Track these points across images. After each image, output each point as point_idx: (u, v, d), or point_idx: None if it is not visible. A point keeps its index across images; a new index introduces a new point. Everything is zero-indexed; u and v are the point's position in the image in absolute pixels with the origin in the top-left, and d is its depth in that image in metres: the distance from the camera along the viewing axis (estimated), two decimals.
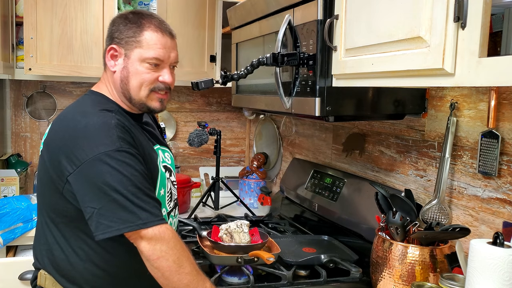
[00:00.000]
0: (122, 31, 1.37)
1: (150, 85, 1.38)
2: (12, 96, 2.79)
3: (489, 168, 1.37)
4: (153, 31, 1.36)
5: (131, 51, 1.36)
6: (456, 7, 0.93)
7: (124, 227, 1.20)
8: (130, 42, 1.35)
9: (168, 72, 1.40)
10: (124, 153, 1.24)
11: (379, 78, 1.21)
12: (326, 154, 2.32)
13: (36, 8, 2.37)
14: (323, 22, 1.39)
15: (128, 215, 1.20)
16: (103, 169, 1.21)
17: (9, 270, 1.96)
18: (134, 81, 1.36)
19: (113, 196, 1.20)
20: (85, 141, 1.24)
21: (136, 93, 1.38)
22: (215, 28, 2.67)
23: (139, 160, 1.28)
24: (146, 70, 1.36)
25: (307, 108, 1.48)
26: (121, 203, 1.20)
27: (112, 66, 1.39)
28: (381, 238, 1.45)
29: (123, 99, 1.41)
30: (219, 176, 2.61)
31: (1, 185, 2.45)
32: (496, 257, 1.09)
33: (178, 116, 3.11)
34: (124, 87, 1.38)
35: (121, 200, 1.20)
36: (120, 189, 1.20)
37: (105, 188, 1.20)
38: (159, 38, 1.36)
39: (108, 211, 1.20)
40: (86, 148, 1.23)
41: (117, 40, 1.37)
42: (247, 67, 1.57)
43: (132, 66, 1.36)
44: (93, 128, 1.26)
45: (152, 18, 1.38)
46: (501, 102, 1.34)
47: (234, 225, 1.68)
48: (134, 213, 1.20)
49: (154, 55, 1.35)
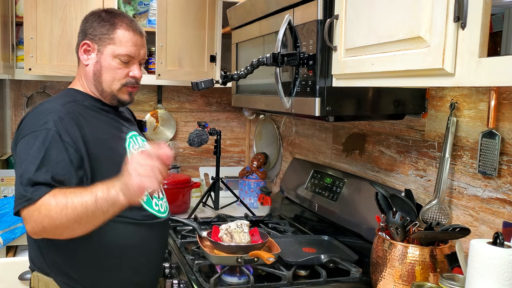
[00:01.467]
0: (95, 28, 1.46)
1: (122, 80, 1.48)
2: (12, 96, 2.79)
3: (489, 168, 1.37)
4: (125, 29, 1.46)
5: (104, 47, 1.45)
6: (456, 7, 0.93)
7: (17, 204, 1.24)
8: (104, 39, 1.45)
9: (138, 68, 1.50)
10: (48, 134, 1.29)
11: (379, 78, 1.21)
12: (326, 154, 2.32)
13: (36, 8, 2.37)
14: (323, 22, 1.39)
15: (18, 194, 1.25)
16: (23, 145, 1.30)
17: (9, 270, 1.96)
18: (107, 75, 1.47)
19: (18, 172, 1.27)
20: (27, 122, 1.35)
21: (108, 86, 1.48)
22: (215, 28, 2.67)
23: (65, 147, 1.31)
24: (118, 66, 1.46)
25: (307, 108, 1.48)
26: (18, 180, 1.26)
27: (85, 60, 1.48)
28: (381, 238, 1.45)
29: (93, 91, 1.50)
30: (219, 176, 2.61)
31: (1, 185, 2.45)
32: (496, 257, 1.09)
33: (178, 116, 3.11)
34: (96, 80, 1.48)
35: (22, 176, 1.25)
36: (24, 167, 1.26)
37: (18, 163, 1.29)
38: (131, 36, 1.46)
39: (16, 185, 1.27)
40: (25, 128, 1.34)
41: (90, 36, 1.46)
42: (247, 67, 1.57)
43: (105, 61, 1.46)
44: (38, 111, 1.37)
45: (124, 17, 1.49)
46: (501, 102, 1.34)
47: (234, 225, 1.68)
48: (25, 190, 1.23)
49: (126, 52, 1.45)
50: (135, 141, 1.54)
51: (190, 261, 1.71)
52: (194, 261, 1.67)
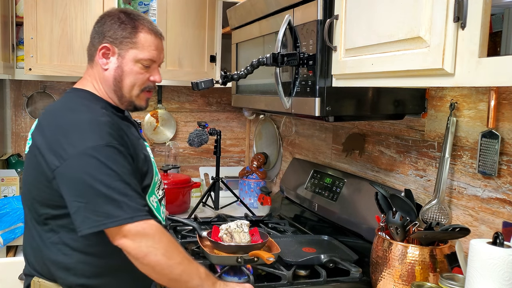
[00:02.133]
0: (116, 31, 1.38)
1: (142, 85, 1.43)
2: (12, 96, 2.79)
3: (489, 168, 1.38)
4: (147, 32, 1.40)
5: (126, 51, 1.39)
6: (456, 7, 0.93)
7: (110, 221, 1.19)
8: (125, 42, 1.38)
9: (158, 72, 1.46)
10: (113, 149, 1.25)
11: (379, 78, 1.21)
12: (326, 154, 2.32)
13: (36, 8, 2.37)
14: (323, 22, 1.39)
15: (114, 209, 1.20)
16: (91, 162, 1.22)
17: (9, 270, 1.96)
18: (128, 81, 1.40)
19: (100, 190, 1.20)
20: (74, 136, 1.26)
21: (128, 91, 1.42)
22: (215, 28, 2.67)
23: (126, 158, 1.29)
24: (139, 71, 1.40)
25: (307, 108, 1.48)
26: (107, 198, 1.20)
27: (104, 64, 1.40)
28: (381, 238, 1.45)
29: (112, 96, 1.43)
30: (219, 176, 2.61)
31: (1, 185, 2.45)
32: (496, 257, 1.09)
33: (178, 116, 3.11)
34: (117, 85, 1.41)
35: (108, 194, 1.20)
36: (107, 184, 1.20)
37: (91, 182, 1.20)
38: (153, 40, 1.41)
39: (95, 205, 1.20)
40: (75, 142, 1.24)
41: (110, 39, 1.39)
42: (247, 67, 1.57)
43: (126, 65, 1.39)
44: (82, 123, 1.28)
45: (144, 20, 1.42)
46: (501, 102, 1.34)
47: (234, 225, 1.68)
48: (120, 207, 1.20)
49: (148, 56, 1.40)
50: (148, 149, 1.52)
51: None
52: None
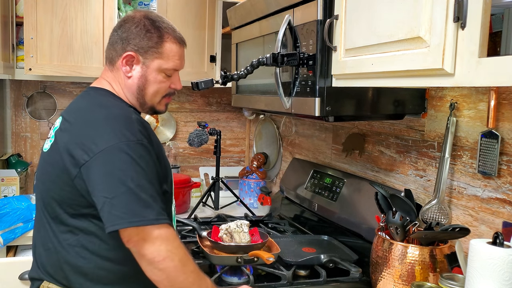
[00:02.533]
0: (142, 39, 1.36)
1: (164, 93, 1.43)
2: (12, 96, 2.79)
3: (488, 168, 1.38)
4: (172, 42, 1.40)
5: (151, 61, 1.38)
6: (456, 7, 0.93)
7: (135, 220, 1.16)
8: (151, 52, 1.37)
9: (179, 79, 1.47)
10: (144, 147, 1.24)
11: (379, 78, 1.21)
12: (326, 154, 2.32)
13: (36, 8, 2.37)
14: (323, 22, 1.39)
15: (141, 209, 1.17)
16: (122, 158, 1.19)
17: (9, 270, 1.96)
18: (151, 89, 1.40)
19: (129, 186, 1.17)
20: (106, 130, 1.23)
21: (151, 99, 1.42)
22: (215, 28, 2.67)
23: (153, 158, 1.27)
24: (162, 79, 1.40)
25: (307, 108, 1.48)
26: (135, 196, 1.17)
27: (128, 72, 1.39)
28: (381, 238, 1.45)
29: (133, 102, 1.42)
30: (219, 176, 2.61)
31: (1, 185, 2.45)
32: (496, 257, 1.09)
33: (178, 116, 3.11)
34: (140, 93, 1.40)
35: (136, 192, 1.17)
36: (136, 181, 1.18)
37: (121, 177, 1.17)
38: (177, 49, 1.41)
39: (121, 202, 1.16)
40: (107, 136, 1.21)
41: (135, 48, 1.37)
42: (247, 67, 1.57)
43: (150, 75, 1.39)
44: (114, 118, 1.27)
45: (169, 27, 1.41)
46: (501, 102, 1.34)
47: (234, 225, 1.68)
48: (146, 207, 1.17)
49: (173, 67, 1.41)
50: None
51: None
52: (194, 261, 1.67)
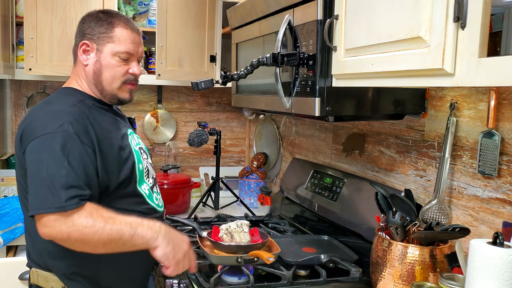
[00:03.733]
0: (93, 28, 1.47)
1: (122, 78, 1.49)
2: (12, 96, 2.79)
3: (489, 168, 1.38)
4: (123, 27, 1.48)
5: (103, 46, 1.46)
6: (456, 7, 0.93)
7: (44, 207, 1.23)
8: (102, 38, 1.46)
9: (137, 65, 1.52)
10: (70, 137, 1.29)
11: (379, 78, 1.21)
12: (326, 154, 2.32)
13: (36, 8, 2.37)
14: (323, 22, 1.39)
15: (49, 196, 1.23)
16: (44, 147, 1.28)
17: (9, 270, 1.96)
18: (107, 74, 1.47)
19: (43, 175, 1.25)
20: (40, 123, 1.33)
21: (109, 84, 1.49)
22: (215, 28, 2.67)
23: (85, 149, 1.32)
24: (117, 63, 1.47)
25: (307, 108, 1.48)
26: (46, 183, 1.24)
27: (85, 60, 1.48)
28: (381, 238, 1.45)
29: (94, 90, 1.51)
30: (219, 176, 2.61)
31: (1, 185, 2.45)
32: (496, 257, 1.09)
33: (178, 116, 3.11)
34: (96, 79, 1.48)
35: (48, 180, 1.24)
36: (51, 169, 1.24)
37: (39, 166, 1.26)
38: (129, 34, 1.48)
39: (36, 189, 1.25)
40: (38, 128, 1.31)
41: (89, 36, 1.47)
42: (247, 67, 1.57)
43: (104, 59, 1.47)
44: (49, 112, 1.37)
45: (121, 16, 1.51)
46: (501, 102, 1.34)
47: (234, 225, 1.68)
48: (53, 195, 1.22)
49: (125, 49, 1.47)
50: (133, 138, 1.56)
51: None
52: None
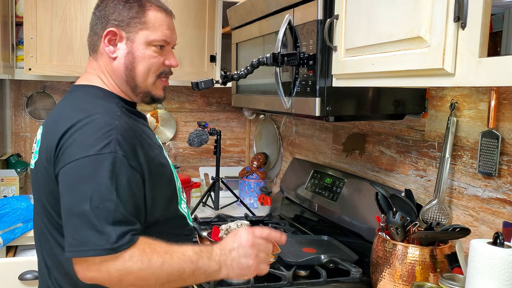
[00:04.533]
0: (121, 12, 1.22)
1: (157, 71, 1.27)
2: (12, 96, 2.79)
3: (489, 168, 1.37)
4: (156, 10, 1.25)
5: (135, 34, 1.22)
6: (456, 7, 0.93)
7: (89, 249, 1.01)
8: (134, 24, 1.22)
9: (173, 55, 1.31)
10: (118, 159, 1.07)
11: (379, 78, 1.21)
12: (326, 154, 2.32)
13: (36, 8, 2.36)
14: (323, 22, 1.39)
15: (93, 235, 1.01)
16: (86, 172, 1.05)
17: (9, 270, 1.96)
18: (141, 67, 1.24)
19: (85, 209, 1.02)
20: (80, 140, 1.08)
21: (143, 80, 1.25)
22: (215, 28, 2.67)
23: (134, 174, 1.11)
24: (153, 54, 1.24)
25: (307, 108, 1.48)
26: (88, 219, 1.02)
27: (112, 52, 1.24)
28: (381, 238, 1.45)
29: (125, 89, 1.27)
30: (219, 176, 2.61)
31: (1, 185, 2.45)
32: (496, 257, 1.09)
33: (178, 116, 3.11)
34: (129, 74, 1.24)
35: (91, 215, 1.02)
36: (96, 202, 1.02)
37: (80, 198, 1.04)
38: (164, 18, 1.26)
39: (74, 225, 1.03)
40: (77, 147, 1.08)
41: (115, 22, 1.22)
42: (247, 67, 1.57)
43: (137, 50, 1.23)
44: (91, 126, 1.10)
45: (152, 0, 1.27)
46: (501, 102, 1.34)
47: (235, 225, 1.68)
48: (100, 234, 1.01)
49: (162, 37, 1.24)
50: (163, 147, 1.36)
51: None
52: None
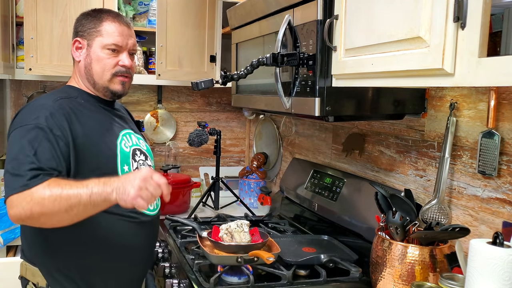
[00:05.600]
0: (84, 25, 1.54)
1: (112, 69, 1.53)
2: (12, 96, 2.79)
3: (488, 168, 1.38)
4: (111, 22, 1.53)
5: (92, 40, 1.52)
6: (456, 7, 0.93)
7: (11, 190, 1.26)
8: (92, 33, 1.52)
9: (127, 56, 1.55)
10: (41, 131, 1.34)
11: (379, 78, 1.21)
12: (326, 154, 2.32)
13: (36, 8, 2.37)
14: (323, 22, 1.39)
15: (12, 179, 1.28)
16: (16, 140, 1.34)
17: (9, 270, 1.96)
18: (97, 67, 1.52)
19: (13, 164, 1.30)
20: (20, 115, 1.41)
21: (100, 77, 1.53)
22: (215, 28, 2.67)
23: (56, 140, 1.36)
24: (106, 56, 1.52)
25: (307, 108, 1.48)
26: (12, 169, 1.30)
27: (78, 57, 1.55)
28: (381, 238, 1.45)
29: (87, 85, 1.56)
30: (219, 176, 2.61)
31: (1, 185, 2.45)
32: (495, 257, 1.09)
33: (178, 116, 3.11)
34: (88, 73, 1.53)
35: (13, 166, 1.30)
36: (20, 159, 1.30)
37: (10, 156, 1.33)
38: (117, 27, 1.53)
39: (6, 177, 1.30)
40: (17, 121, 1.40)
41: (80, 33, 1.55)
42: (247, 67, 1.57)
43: (94, 53, 1.52)
44: (31, 106, 1.43)
45: (110, 12, 1.57)
46: (501, 102, 1.35)
47: (235, 224, 1.68)
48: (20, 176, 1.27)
49: (113, 42, 1.51)
50: (128, 139, 1.58)
51: (190, 261, 1.71)
52: (194, 261, 1.67)
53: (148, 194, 1.21)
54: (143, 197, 1.20)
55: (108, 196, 1.22)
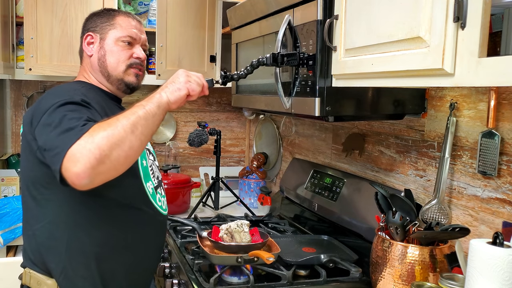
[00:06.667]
0: (95, 21, 1.53)
1: (127, 61, 1.51)
2: (12, 96, 2.79)
3: (488, 168, 1.38)
4: (123, 16, 1.54)
5: (106, 34, 1.51)
6: (456, 7, 0.93)
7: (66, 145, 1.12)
8: (104, 27, 1.51)
9: (141, 49, 1.54)
10: (77, 104, 1.26)
11: (379, 78, 1.21)
12: (326, 154, 2.32)
13: (36, 8, 2.37)
14: (323, 22, 1.39)
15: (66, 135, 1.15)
16: (54, 114, 1.22)
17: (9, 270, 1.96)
18: (111, 59, 1.50)
19: (57, 130, 1.17)
20: (49, 98, 1.30)
21: (114, 68, 1.50)
22: (215, 28, 2.67)
23: (96, 112, 1.31)
24: (121, 49, 1.50)
25: (307, 108, 1.48)
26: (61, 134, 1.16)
27: (90, 51, 1.53)
28: (381, 238, 1.45)
29: (100, 79, 1.53)
30: (219, 176, 2.61)
31: (1, 185, 2.46)
32: (495, 257, 1.09)
33: (178, 116, 3.12)
34: (102, 65, 1.51)
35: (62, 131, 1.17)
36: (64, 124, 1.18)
37: (51, 127, 1.19)
38: (130, 21, 1.54)
39: (50, 142, 1.18)
40: (48, 101, 1.27)
41: (92, 29, 1.53)
42: (247, 67, 1.57)
43: (108, 46, 1.50)
44: (59, 88, 1.38)
45: (121, 10, 1.58)
46: (501, 102, 1.35)
47: (235, 224, 1.68)
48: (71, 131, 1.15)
49: (128, 34, 1.51)
50: None
51: (190, 260, 1.71)
52: (194, 261, 1.67)
53: (196, 80, 1.32)
54: (193, 82, 1.30)
55: (160, 100, 1.25)
